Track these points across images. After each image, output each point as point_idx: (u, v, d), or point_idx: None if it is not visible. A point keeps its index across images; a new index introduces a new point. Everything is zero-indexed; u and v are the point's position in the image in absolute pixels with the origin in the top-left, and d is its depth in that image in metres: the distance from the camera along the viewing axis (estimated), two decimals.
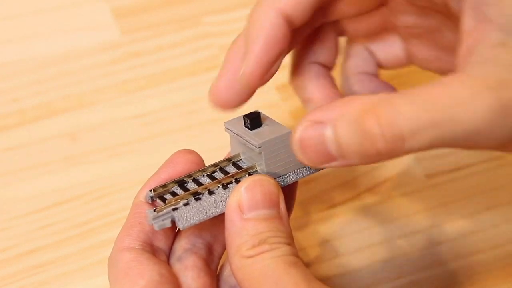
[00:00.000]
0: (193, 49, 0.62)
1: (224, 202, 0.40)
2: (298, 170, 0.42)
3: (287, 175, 0.41)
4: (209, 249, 0.42)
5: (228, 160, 0.42)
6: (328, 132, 0.37)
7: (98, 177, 0.54)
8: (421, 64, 0.48)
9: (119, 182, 0.54)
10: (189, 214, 0.39)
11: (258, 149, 0.40)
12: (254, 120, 0.41)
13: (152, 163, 0.54)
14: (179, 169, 0.42)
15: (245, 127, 0.41)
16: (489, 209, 0.53)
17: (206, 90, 0.60)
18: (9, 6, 0.63)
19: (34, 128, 0.57)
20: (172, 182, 0.41)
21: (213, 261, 0.42)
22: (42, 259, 0.51)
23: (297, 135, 0.38)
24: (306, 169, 0.42)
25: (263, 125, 0.41)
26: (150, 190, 0.40)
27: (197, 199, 0.40)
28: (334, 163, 0.38)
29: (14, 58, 0.60)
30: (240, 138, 0.41)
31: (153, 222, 0.39)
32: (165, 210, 0.39)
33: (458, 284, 0.50)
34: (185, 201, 0.39)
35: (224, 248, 0.43)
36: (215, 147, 0.55)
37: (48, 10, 0.63)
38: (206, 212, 0.39)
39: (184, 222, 0.39)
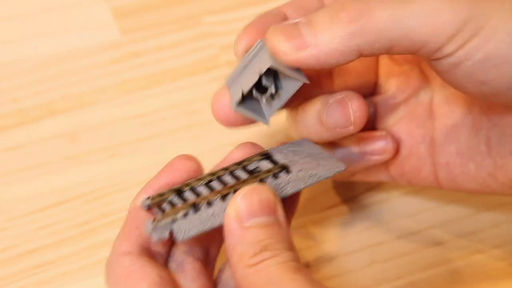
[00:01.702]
0: (193, 49, 0.62)
1: (222, 214, 0.39)
2: (297, 181, 0.42)
3: (287, 187, 0.41)
4: (206, 252, 0.42)
5: (225, 169, 0.42)
6: (301, 20, 0.39)
7: (98, 177, 0.54)
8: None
9: (119, 182, 0.54)
10: (188, 226, 0.39)
11: (261, 43, 0.40)
12: None
13: (152, 163, 0.54)
14: (178, 176, 0.42)
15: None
16: (489, 209, 0.53)
17: (206, 90, 0.60)
18: (9, 6, 0.63)
19: (34, 128, 0.57)
20: (170, 191, 0.40)
21: (210, 263, 0.42)
22: (42, 259, 0.51)
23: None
24: (303, 181, 0.42)
25: None
26: (148, 198, 0.40)
27: (196, 210, 0.39)
28: (305, 52, 0.38)
29: (14, 58, 0.60)
30: (243, 64, 0.41)
31: (151, 233, 0.39)
32: (163, 222, 0.39)
33: (458, 285, 0.50)
34: (184, 211, 0.39)
35: (219, 250, 0.43)
36: (216, 147, 0.55)
37: (48, 10, 0.63)
38: (205, 225, 0.39)
39: (182, 235, 0.39)
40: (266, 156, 0.42)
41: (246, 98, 0.42)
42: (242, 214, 0.38)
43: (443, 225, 0.53)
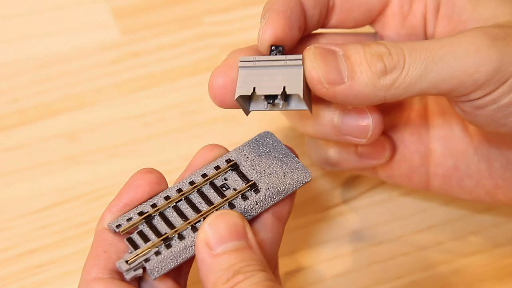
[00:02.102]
0: (193, 49, 0.62)
1: (194, 245, 0.39)
2: (265, 201, 0.41)
3: (255, 207, 0.41)
4: (178, 268, 0.41)
5: (192, 184, 0.42)
6: (339, 51, 0.39)
7: (98, 177, 0.54)
8: None
9: (119, 182, 0.54)
10: (161, 264, 0.39)
11: (300, 60, 0.40)
12: (283, 48, 0.41)
13: (152, 163, 0.54)
14: (140, 193, 0.41)
15: (274, 54, 0.41)
16: (489, 209, 0.53)
17: (206, 90, 0.60)
18: (9, 6, 0.63)
19: (34, 128, 0.57)
20: (139, 218, 0.40)
21: (182, 277, 0.42)
22: (42, 259, 0.51)
23: (312, 46, 0.39)
24: (271, 199, 0.42)
25: None
26: (117, 225, 0.40)
27: (168, 246, 0.40)
28: (338, 88, 0.39)
29: (14, 58, 0.60)
30: (268, 62, 0.40)
31: (125, 273, 0.39)
32: (137, 261, 0.39)
33: (458, 284, 0.50)
34: (156, 249, 0.39)
35: (190, 265, 0.42)
36: None
37: (48, 10, 0.63)
38: (177, 259, 0.40)
39: (155, 273, 0.39)
40: (233, 166, 0.42)
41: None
42: (211, 242, 0.38)
43: (443, 225, 0.53)
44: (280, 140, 0.44)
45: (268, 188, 0.42)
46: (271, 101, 0.40)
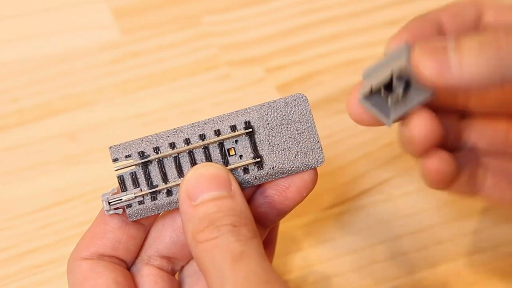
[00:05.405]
0: (193, 49, 0.62)
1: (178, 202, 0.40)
2: (264, 177, 0.41)
3: (253, 181, 0.41)
4: (167, 260, 0.41)
5: (202, 138, 0.41)
6: (451, 44, 0.37)
7: (98, 177, 0.54)
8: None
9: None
10: (141, 212, 0.40)
11: (405, 47, 0.39)
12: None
13: None
14: None
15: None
16: (489, 209, 0.53)
17: (206, 90, 0.60)
18: (9, 6, 0.63)
19: (34, 128, 0.57)
20: (138, 159, 0.40)
21: (173, 270, 0.42)
22: (42, 259, 0.51)
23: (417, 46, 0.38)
24: (271, 177, 0.41)
25: None
26: (115, 160, 0.41)
27: (153, 198, 0.40)
28: (447, 79, 0.37)
29: (14, 58, 0.60)
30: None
31: (106, 211, 0.40)
32: (119, 205, 0.40)
33: (458, 284, 0.50)
34: (141, 198, 0.40)
35: (186, 259, 0.42)
36: None
37: (48, 10, 0.63)
38: (158, 210, 0.40)
39: (133, 217, 0.40)
40: (249, 131, 0.41)
41: (375, 95, 0.41)
42: (192, 193, 0.38)
43: (443, 225, 0.53)
44: (310, 110, 0.42)
45: (273, 167, 0.41)
46: (393, 93, 0.40)
